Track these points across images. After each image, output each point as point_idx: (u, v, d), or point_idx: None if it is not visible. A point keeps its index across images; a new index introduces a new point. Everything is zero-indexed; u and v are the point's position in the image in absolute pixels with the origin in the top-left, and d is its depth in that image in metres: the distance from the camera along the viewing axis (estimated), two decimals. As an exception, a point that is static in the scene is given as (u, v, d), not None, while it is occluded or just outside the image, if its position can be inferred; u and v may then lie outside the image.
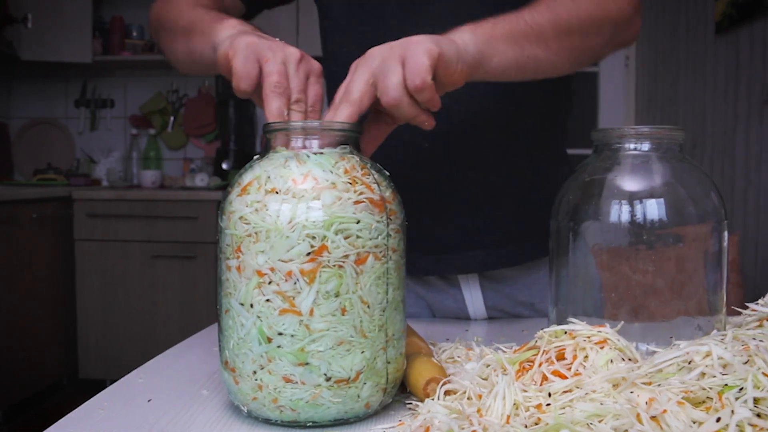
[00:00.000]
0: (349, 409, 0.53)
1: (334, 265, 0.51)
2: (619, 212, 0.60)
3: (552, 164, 0.94)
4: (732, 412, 0.42)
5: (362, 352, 0.53)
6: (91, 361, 2.75)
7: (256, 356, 0.52)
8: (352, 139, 0.57)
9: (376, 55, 0.61)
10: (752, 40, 2.13)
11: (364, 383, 0.53)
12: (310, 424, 0.53)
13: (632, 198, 0.60)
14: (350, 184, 0.53)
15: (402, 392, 0.60)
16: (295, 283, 0.51)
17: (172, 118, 3.21)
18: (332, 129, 0.56)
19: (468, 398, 0.52)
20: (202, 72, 0.80)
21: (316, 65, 0.65)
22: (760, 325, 0.56)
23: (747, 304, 0.58)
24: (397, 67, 0.59)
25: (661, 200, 0.60)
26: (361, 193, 0.53)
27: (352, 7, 0.90)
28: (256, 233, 0.52)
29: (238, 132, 3.06)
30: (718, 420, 0.42)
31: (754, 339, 0.49)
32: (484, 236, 0.90)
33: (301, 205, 0.51)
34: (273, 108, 0.60)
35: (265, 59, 0.62)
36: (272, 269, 0.51)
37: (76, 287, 2.77)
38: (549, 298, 0.65)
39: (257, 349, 0.52)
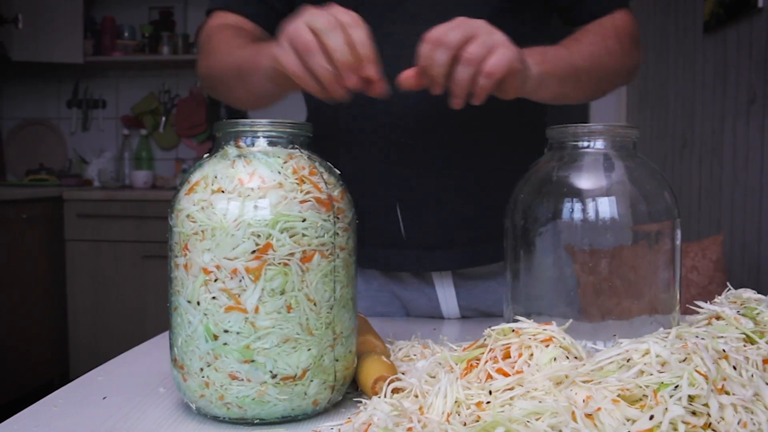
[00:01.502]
0: (296, 407, 0.54)
1: (279, 263, 0.52)
2: (572, 211, 0.60)
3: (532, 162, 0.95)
4: (666, 409, 0.42)
5: (309, 349, 0.53)
6: (82, 361, 2.75)
7: (203, 353, 0.53)
8: (301, 138, 0.57)
9: (476, 28, 0.65)
10: (739, 39, 2.13)
11: (311, 381, 0.53)
12: (258, 421, 0.54)
13: (584, 196, 0.60)
14: (297, 183, 0.53)
15: (355, 390, 0.61)
16: (240, 281, 0.51)
17: (163, 119, 3.21)
18: (281, 128, 0.56)
19: (414, 396, 0.52)
20: (275, 99, 0.81)
21: (348, 17, 0.64)
22: (709, 323, 0.56)
23: (696, 302, 0.58)
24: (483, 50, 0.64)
25: (613, 198, 0.60)
26: (307, 192, 0.53)
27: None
28: (202, 231, 0.52)
29: (229, 132, 3.06)
30: (652, 418, 0.42)
31: (697, 337, 0.49)
32: (461, 234, 0.90)
33: (247, 203, 0.52)
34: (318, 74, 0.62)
35: (295, 36, 0.63)
36: (218, 267, 0.52)
37: (67, 287, 2.78)
38: (504, 296, 0.65)
39: (204, 346, 0.53)
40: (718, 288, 1.74)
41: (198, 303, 0.53)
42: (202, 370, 0.53)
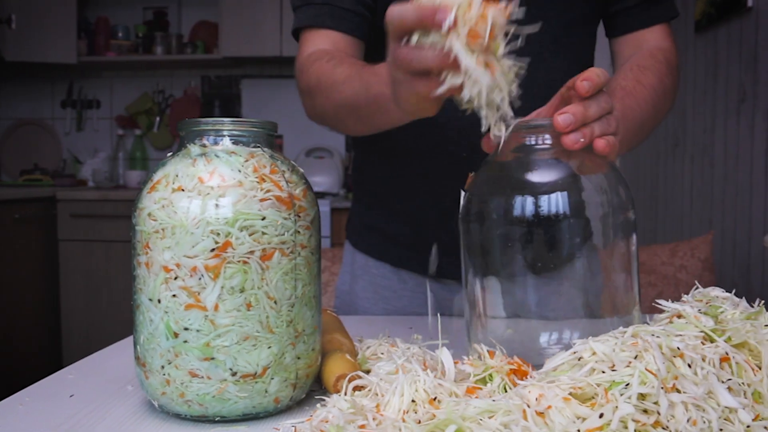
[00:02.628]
0: (257, 404, 0.54)
1: (238, 261, 0.52)
2: (523, 207, 0.60)
3: None
4: (616, 408, 0.42)
5: (269, 347, 0.53)
6: (75, 361, 2.74)
7: (164, 351, 0.53)
8: (264, 136, 0.57)
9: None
10: (729, 38, 2.13)
11: (272, 378, 0.54)
12: (219, 418, 0.54)
13: (535, 192, 0.60)
14: (257, 181, 0.53)
15: (321, 387, 0.61)
16: (200, 279, 0.52)
17: (158, 119, 3.22)
18: (243, 127, 0.56)
19: (374, 394, 0.53)
20: (376, 117, 0.73)
21: None
22: (670, 322, 0.56)
23: (657, 300, 0.58)
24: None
25: (565, 194, 0.60)
26: (268, 191, 0.53)
27: None
28: (162, 229, 0.53)
29: (223, 132, 3.07)
30: (601, 416, 0.42)
31: (653, 335, 0.49)
32: None
33: (206, 202, 0.52)
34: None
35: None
36: (178, 265, 0.52)
37: (60, 287, 2.78)
38: (461, 295, 0.65)
39: (165, 344, 0.53)
40: (706, 287, 1.74)
41: (159, 301, 0.53)
42: (163, 367, 0.53)
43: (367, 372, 0.58)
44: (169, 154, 0.58)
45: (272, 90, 3.19)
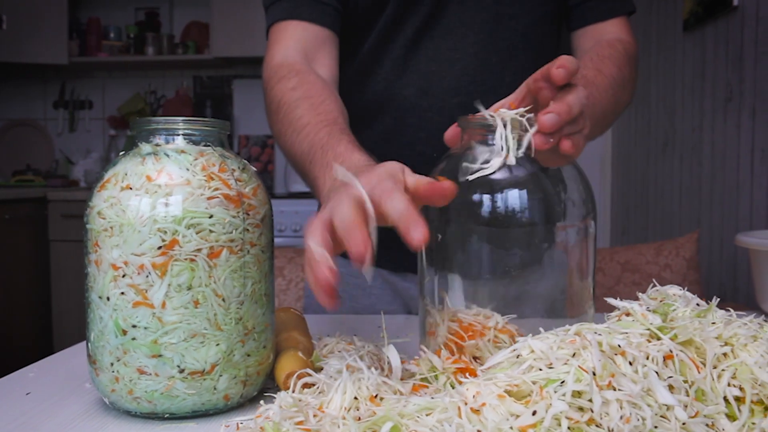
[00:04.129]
0: (206, 401, 0.54)
1: (185, 259, 0.52)
2: (481, 205, 0.60)
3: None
4: (549, 405, 0.42)
5: (217, 344, 0.53)
6: (67, 361, 2.76)
7: (113, 348, 0.53)
8: (216, 136, 0.58)
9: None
10: (717, 37, 2.13)
11: (221, 375, 0.54)
12: (168, 415, 0.54)
13: (491, 190, 0.60)
14: (205, 180, 0.54)
15: (276, 384, 0.61)
16: (147, 276, 0.52)
17: (150, 119, 3.22)
18: (194, 126, 0.56)
19: (321, 392, 0.53)
20: None
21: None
22: (619, 320, 0.56)
23: (606, 298, 0.58)
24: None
25: (524, 192, 0.60)
26: (215, 189, 0.54)
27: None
28: (111, 228, 0.53)
29: (215, 132, 3.07)
30: (534, 413, 0.42)
31: (595, 333, 0.49)
32: None
33: (153, 200, 0.52)
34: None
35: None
36: (126, 263, 0.52)
37: (52, 288, 2.79)
38: (418, 291, 0.65)
39: (114, 341, 0.53)
40: (691, 286, 1.74)
41: (107, 299, 0.53)
42: (112, 364, 0.53)
43: (320, 370, 0.58)
44: (121, 153, 0.58)
45: (264, 90, 3.19)
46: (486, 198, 0.60)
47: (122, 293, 0.52)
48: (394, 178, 0.52)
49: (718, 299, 0.61)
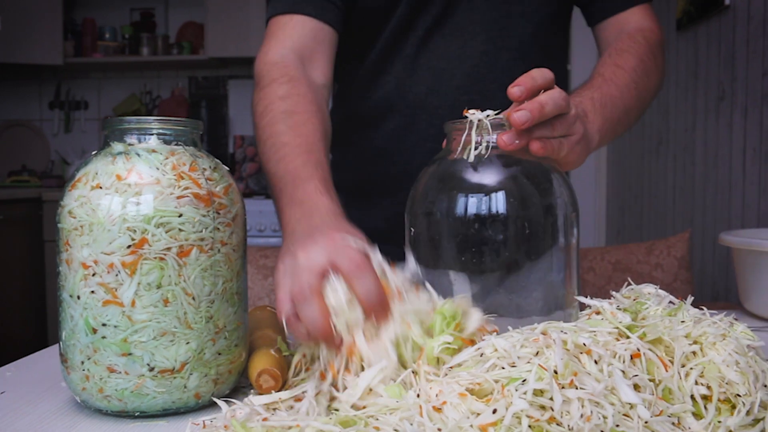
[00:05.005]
0: (177, 399, 0.54)
1: (155, 258, 0.52)
2: (466, 205, 0.60)
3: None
4: (510, 403, 0.42)
5: (187, 343, 0.54)
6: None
7: (83, 347, 0.53)
8: (186, 135, 0.58)
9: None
10: (709, 36, 2.13)
11: (191, 374, 0.54)
12: (138, 414, 0.54)
13: (475, 191, 0.60)
14: (175, 179, 0.54)
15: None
16: (117, 275, 0.52)
17: (145, 119, 3.23)
18: (166, 126, 0.57)
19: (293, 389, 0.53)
20: None
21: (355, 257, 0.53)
22: (589, 318, 0.56)
23: (575, 296, 0.59)
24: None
25: (505, 193, 0.60)
26: (185, 188, 0.54)
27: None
28: (81, 227, 0.53)
29: (210, 133, 3.08)
30: (495, 411, 0.42)
31: (562, 332, 0.49)
32: None
33: (122, 199, 0.52)
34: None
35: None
36: (96, 262, 0.52)
37: (47, 288, 2.79)
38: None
39: (84, 339, 0.53)
40: (682, 285, 1.74)
41: (78, 297, 0.53)
42: (83, 363, 0.54)
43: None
44: (93, 153, 0.58)
45: (260, 90, 3.19)
46: (463, 199, 0.60)
47: (92, 292, 0.53)
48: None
49: (693, 297, 0.62)
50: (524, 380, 0.44)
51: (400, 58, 0.89)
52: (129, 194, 0.53)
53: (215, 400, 0.53)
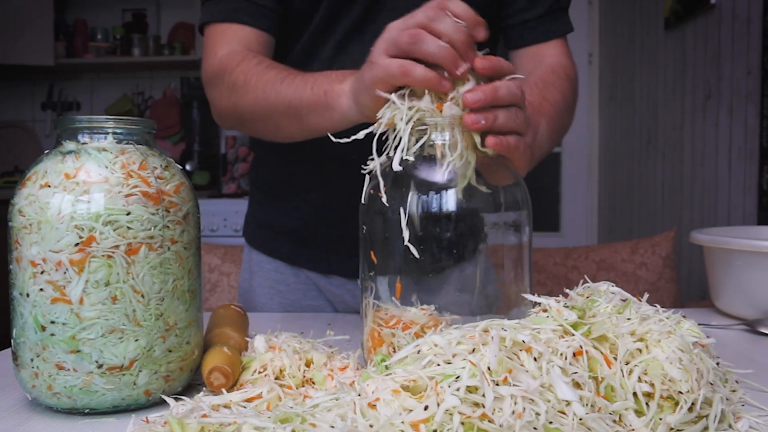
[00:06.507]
0: (127, 396, 0.55)
1: (103, 255, 0.53)
2: (417, 203, 0.60)
3: None
4: (442, 400, 0.43)
5: (136, 340, 0.54)
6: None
7: (33, 344, 0.54)
8: (139, 134, 0.58)
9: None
10: (696, 35, 2.14)
11: (140, 371, 0.54)
12: (88, 410, 0.55)
13: (429, 189, 0.60)
14: (124, 177, 0.54)
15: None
16: (65, 273, 0.52)
17: (138, 120, 3.23)
18: (119, 125, 0.57)
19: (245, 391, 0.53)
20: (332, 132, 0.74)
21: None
22: (537, 315, 0.57)
23: (523, 294, 0.59)
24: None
25: (456, 191, 0.60)
26: (134, 186, 0.54)
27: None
28: (30, 225, 0.54)
29: (202, 133, 3.08)
30: (426, 408, 0.42)
31: (503, 329, 0.49)
32: None
33: (70, 197, 0.53)
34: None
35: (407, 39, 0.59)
36: (44, 260, 0.53)
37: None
38: (360, 293, 0.66)
39: (33, 337, 0.54)
40: (667, 284, 1.74)
41: (27, 295, 0.54)
42: (32, 360, 0.54)
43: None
44: (45, 152, 0.58)
45: (252, 90, 3.19)
46: (412, 196, 0.60)
47: (41, 290, 0.53)
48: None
49: (648, 295, 0.62)
50: (458, 377, 0.44)
51: (319, 61, 0.88)
52: (77, 192, 0.53)
53: (164, 397, 0.53)
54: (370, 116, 0.64)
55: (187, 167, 3.01)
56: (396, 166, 0.59)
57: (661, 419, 0.49)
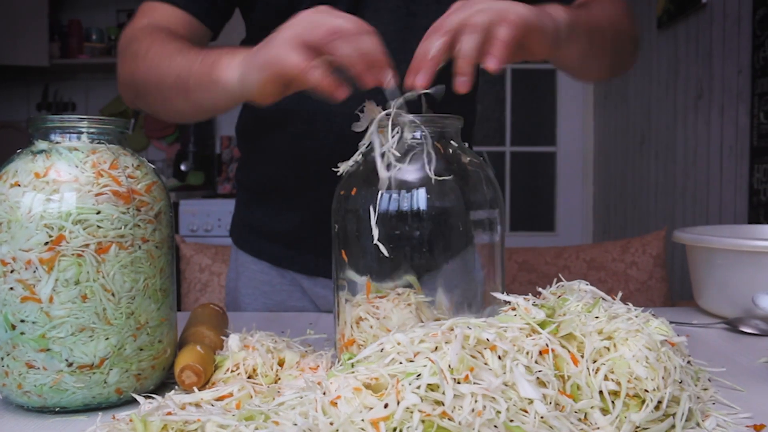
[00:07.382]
0: (97, 395, 0.55)
1: (73, 254, 0.53)
2: (389, 202, 0.61)
3: None
4: (402, 398, 0.43)
5: (107, 338, 0.54)
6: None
7: (3, 343, 0.54)
8: (111, 133, 0.58)
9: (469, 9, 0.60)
10: (688, 35, 2.14)
11: (110, 369, 0.55)
12: (59, 409, 0.55)
13: (398, 187, 0.60)
14: (95, 177, 0.54)
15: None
16: (34, 272, 0.53)
17: (133, 121, 3.23)
18: (92, 124, 0.57)
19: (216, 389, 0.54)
20: (220, 113, 0.74)
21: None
22: (505, 314, 0.57)
23: (492, 293, 0.59)
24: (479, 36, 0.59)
25: (428, 190, 0.60)
26: (104, 186, 0.54)
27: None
28: (0, 224, 0.54)
29: (197, 134, 3.08)
30: (386, 406, 0.43)
31: (468, 327, 0.50)
32: None
33: (40, 196, 0.53)
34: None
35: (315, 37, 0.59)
36: (14, 258, 0.53)
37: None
38: (332, 292, 0.66)
39: (3, 336, 0.54)
40: (657, 283, 1.74)
41: (-2, 294, 0.54)
42: (2, 359, 0.54)
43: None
44: (18, 151, 0.59)
45: (247, 90, 3.19)
46: (383, 195, 0.61)
47: (11, 288, 0.53)
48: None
49: (621, 293, 0.62)
50: (419, 375, 0.44)
51: None
52: (47, 192, 0.53)
53: (135, 396, 0.54)
54: (252, 96, 0.62)
55: (182, 167, 3.01)
56: (382, 173, 0.60)
57: (626, 417, 0.49)
